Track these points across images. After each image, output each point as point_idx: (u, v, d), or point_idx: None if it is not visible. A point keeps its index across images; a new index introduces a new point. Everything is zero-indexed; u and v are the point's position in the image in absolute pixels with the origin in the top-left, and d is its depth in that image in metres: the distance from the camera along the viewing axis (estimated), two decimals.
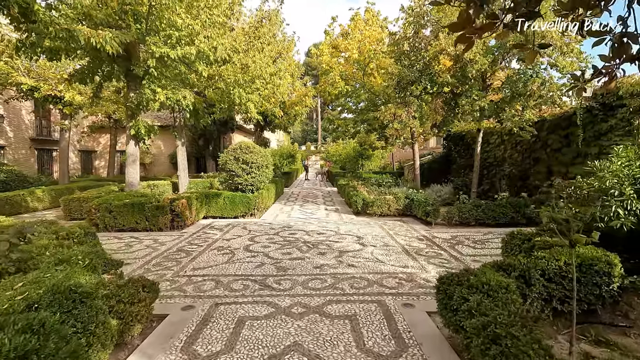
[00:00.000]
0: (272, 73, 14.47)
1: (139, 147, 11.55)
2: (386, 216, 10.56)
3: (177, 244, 7.20)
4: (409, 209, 10.46)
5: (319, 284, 4.83)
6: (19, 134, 21.99)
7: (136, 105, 10.96)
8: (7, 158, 21.08)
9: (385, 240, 7.38)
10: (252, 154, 10.64)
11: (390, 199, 10.51)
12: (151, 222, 8.53)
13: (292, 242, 7.30)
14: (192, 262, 5.90)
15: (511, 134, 12.67)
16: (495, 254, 6.26)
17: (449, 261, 5.89)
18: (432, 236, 7.79)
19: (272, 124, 22.91)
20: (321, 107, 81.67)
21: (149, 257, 6.23)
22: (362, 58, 12.45)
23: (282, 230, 8.54)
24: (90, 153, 29.31)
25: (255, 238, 7.67)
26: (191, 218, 9.21)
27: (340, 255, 6.28)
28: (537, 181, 11.14)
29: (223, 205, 10.24)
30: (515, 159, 12.49)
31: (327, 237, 7.67)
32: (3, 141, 20.86)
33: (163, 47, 8.87)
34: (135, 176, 11.38)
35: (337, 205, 13.50)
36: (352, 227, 8.81)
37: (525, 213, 8.75)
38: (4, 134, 20.95)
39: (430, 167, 17.96)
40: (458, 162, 15.90)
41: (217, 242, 7.37)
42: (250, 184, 10.66)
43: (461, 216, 8.86)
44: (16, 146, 21.83)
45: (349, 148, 29.87)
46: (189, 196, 9.25)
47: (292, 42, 20.87)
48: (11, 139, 21.55)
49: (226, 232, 8.33)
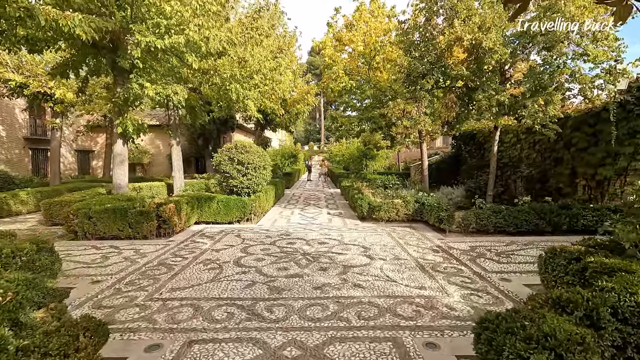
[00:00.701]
0: (272, 68, 13.62)
1: (128, 147, 10.74)
2: (394, 222, 9.68)
3: (160, 256, 6.36)
4: (419, 214, 9.58)
5: (319, 312, 3.96)
6: (12, 132, 21.31)
7: (123, 101, 10.17)
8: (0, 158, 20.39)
9: (395, 252, 6.50)
10: (248, 154, 9.80)
11: (399, 203, 9.62)
12: (135, 229, 7.71)
13: (290, 253, 6.44)
14: (171, 280, 5.06)
15: (529, 133, 11.75)
16: (525, 271, 5.37)
17: (472, 280, 5.00)
18: (448, 247, 6.90)
19: (273, 122, 22.08)
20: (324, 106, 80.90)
21: (124, 273, 5.40)
22: (368, 51, 11.56)
23: (279, 238, 7.69)
24: (88, 153, 28.64)
25: (249, 249, 6.81)
26: (180, 224, 8.38)
27: (345, 271, 5.41)
28: (560, 184, 10.21)
29: (216, 210, 9.40)
30: (533, 160, 11.55)
31: (329, 248, 6.80)
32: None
33: (149, 36, 8.04)
34: (123, 178, 10.57)
35: (340, 208, 12.64)
36: (358, 235, 7.94)
37: (551, 220, 7.83)
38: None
39: (439, 167, 17.03)
40: (469, 163, 14.98)
41: (205, 253, 6.53)
42: (246, 186, 9.82)
43: (479, 223, 7.96)
44: (9, 145, 21.14)
45: (353, 148, 28.98)
46: (178, 200, 8.42)
47: (293, 38, 20.03)
48: (3, 138, 20.86)
49: (217, 241, 7.49)
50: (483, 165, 14.43)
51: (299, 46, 18.79)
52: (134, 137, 10.39)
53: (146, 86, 9.47)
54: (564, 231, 7.88)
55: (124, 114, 10.26)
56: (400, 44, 9.08)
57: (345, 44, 12.43)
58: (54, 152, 17.11)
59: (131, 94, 9.55)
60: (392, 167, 26.72)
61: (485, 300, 4.31)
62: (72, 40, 8.43)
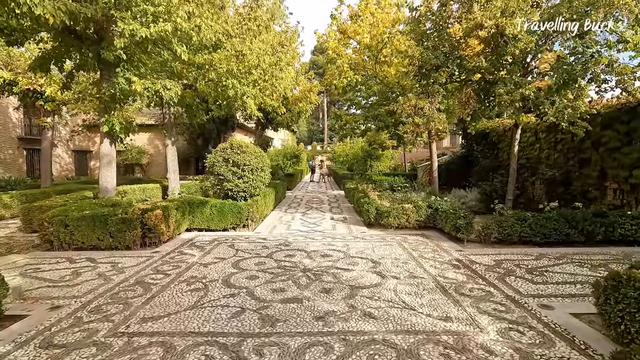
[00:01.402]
0: (272, 63, 12.81)
1: (116, 147, 9.96)
2: (404, 229, 8.82)
3: (139, 272, 5.55)
4: (432, 220, 8.71)
5: (321, 357, 3.12)
6: (5, 132, 20.69)
7: (110, 97, 9.40)
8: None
9: (409, 268, 5.65)
10: (244, 155, 8.97)
11: (410, 209, 8.76)
12: (116, 239, 6.91)
13: (288, 269, 5.60)
14: (145, 306, 4.24)
15: (549, 131, 10.85)
16: (567, 294, 4.49)
17: (507, 308, 4.13)
18: (470, 261, 6.03)
19: (274, 121, 21.25)
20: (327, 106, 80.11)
21: (92, 295, 4.59)
22: (374, 43, 10.69)
23: (277, 249, 6.85)
24: (86, 153, 28.00)
25: (242, 263, 5.98)
26: (169, 232, 7.57)
27: (352, 294, 4.56)
28: (586, 187, 9.30)
29: (209, 216, 8.59)
30: (554, 161, 10.64)
31: (333, 262, 5.96)
32: None
33: (132, 24, 7.24)
34: (110, 180, 9.79)
35: (344, 212, 11.78)
36: (365, 246, 7.09)
37: (584, 229, 6.93)
38: None
39: (448, 168, 16.13)
40: (482, 164, 14.07)
41: (191, 268, 5.71)
42: (242, 190, 8.99)
43: (501, 232, 7.08)
44: (2, 146, 20.54)
45: (357, 148, 28.10)
46: (167, 206, 7.61)
47: (295, 33, 19.21)
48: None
49: (207, 253, 6.67)
50: (497, 166, 13.53)
51: (301, 42, 17.94)
52: (121, 137, 9.61)
53: (134, 81, 8.69)
54: (599, 242, 6.98)
55: (110, 112, 9.49)
56: (412, 34, 8.24)
57: (350, 36, 11.59)
58: (45, 152, 16.42)
59: (117, 90, 8.77)
60: (397, 168, 25.83)
61: (530, 337, 3.45)
62: (53, 30, 7.67)
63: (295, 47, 19.27)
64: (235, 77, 11.52)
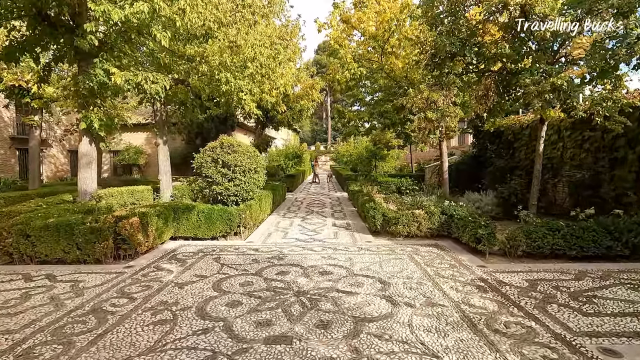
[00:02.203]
0: (270, 56, 11.87)
1: (95, 146, 9.08)
2: (414, 238, 7.85)
3: (100, 294, 4.63)
4: (447, 228, 7.73)
5: None
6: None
7: (88, 91, 8.53)
8: None
9: (426, 290, 4.67)
10: (235, 155, 8.04)
11: (421, 215, 7.78)
12: (84, 251, 6.00)
13: (279, 292, 4.65)
14: (90, 348, 3.31)
15: (574, 128, 9.81)
16: (633, 331, 3.50)
17: (561, 355, 3.15)
18: (497, 280, 5.05)
19: (275, 120, 20.33)
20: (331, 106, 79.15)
21: (29, 330, 3.67)
22: (381, 32, 9.73)
23: (269, 264, 5.90)
24: None
25: (225, 282, 5.04)
26: (147, 243, 6.65)
27: (357, 330, 3.60)
28: (622, 190, 8.25)
29: (196, 223, 7.67)
30: (580, 161, 9.59)
31: (333, 282, 4.99)
32: None
33: (104, 4, 6.33)
34: (90, 183, 8.92)
35: (348, 217, 10.81)
36: (371, 260, 6.12)
37: (628, 241, 5.92)
38: None
39: (458, 169, 15.10)
40: (496, 164, 13.02)
41: (163, 290, 4.78)
42: (233, 193, 8.06)
43: (531, 244, 6.08)
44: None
45: (361, 148, 27.11)
46: (146, 212, 6.69)
47: (296, 27, 18.29)
48: None
49: (188, 268, 5.74)
50: (513, 167, 12.49)
51: (302, 36, 16.95)
52: (101, 135, 8.72)
53: (113, 72, 7.80)
54: None
55: (89, 107, 8.60)
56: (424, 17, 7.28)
57: (354, 26, 10.62)
58: (33, 152, 15.63)
59: (95, 82, 7.88)
60: (404, 169, 24.80)
61: None
62: (26, 16, 6.81)
63: (297, 41, 18.36)
64: (229, 70, 10.61)
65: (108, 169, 27.49)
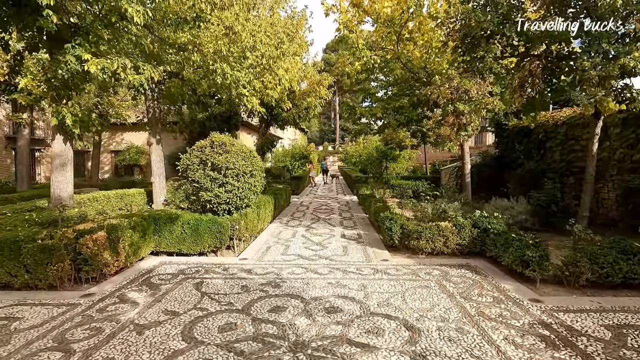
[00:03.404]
0: (273, 44, 10.67)
1: (72, 146, 7.98)
2: (440, 255, 6.54)
3: (29, 345, 3.45)
4: (479, 244, 6.40)
5: None
6: None
7: (62, 82, 7.44)
8: None
9: (471, 344, 3.38)
10: (227, 156, 6.82)
11: (448, 228, 6.46)
12: (35, 274, 4.85)
13: (270, 344, 3.41)
14: None
15: (626, 125, 8.37)
16: None
17: None
18: (563, 325, 3.73)
19: (280, 118, 19.13)
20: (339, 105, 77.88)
21: None
22: (397, 14, 8.43)
23: (261, 294, 4.67)
24: (83, 154, 26.46)
25: (199, 326, 3.81)
26: (117, 262, 5.48)
27: None
28: None
29: (181, 236, 6.48)
30: (635, 163, 8.15)
31: (344, 328, 3.73)
32: None
33: None
34: (64, 187, 7.81)
35: (359, 227, 9.53)
36: (391, 289, 4.84)
37: None
38: None
39: (480, 171, 13.66)
40: (525, 167, 11.58)
41: (115, 338, 3.57)
42: (225, 201, 6.84)
43: (597, 271, 4.74)
44: None
45: (371, 148, 25.75)
46: (116, 225, 5.52)
47: (303, 18, 17.07)
48: None
49: (159, 299, 4.53)
50: (544, 169, 11.06)
51: (309, 27, 15.75)
52: (75, 132, 7.60)
53: (86, 58, 6.67)
54: None
55: (61, 100, 7.50)
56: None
57: (366, 10, 9.35)
58: (21, 152, 14.69)
59: (65, 71, 6.76)
60: (417, 170, 23.38)
61: None
62: None
63: (303, 34, 17.14)
64: (225, 60, 9.44)
65: (109, 169, 26.64)
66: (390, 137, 17.60)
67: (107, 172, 26.34)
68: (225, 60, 9.40)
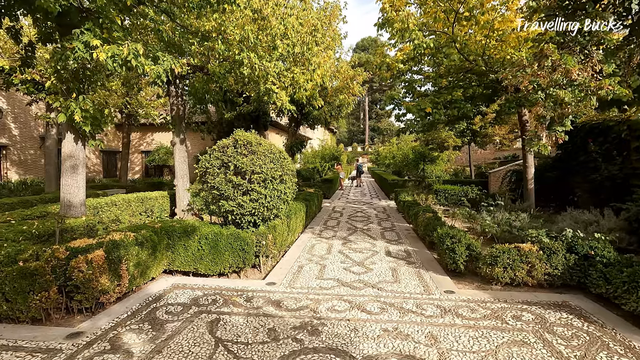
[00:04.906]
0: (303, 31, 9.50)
1: (84, 146, 7.16)
2: (521, 287, 5.06)
3: None
4: (577, 274, 4.86)
5: None
6: (26, 131, 19.37)
7: (72, 74, 6.63)
8: (11, 159, 18.46)
9: None
10: (253, 157, 5.67)
11: (533, 253, 4.96)
12: (14, 304, 3.90)
13: None
14: None
15: None
16: None
17: None
18: None
19: (310, 117, 17.99)
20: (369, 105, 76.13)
21: None
22: None
23: (294, 348, 3.44)
24: (115, 154, 26.67)
25: None
26: (119, 287, 4.46)
27: None
28: None
29: (198, 253, 5.40)
30: None
31: None
32: (6, 140, 18.23)
33: None
34: (75, 192, 6.97)
35: (404, 240, 8.11)
36: (474, 347, 3.46)
37: None
38: (7, 131, 18.32)
39: (543, 176, 11.80)
40: (603, 172, 9.66)
41: None
42: (249, 212, 5.70)
43: None
44: (23, 145, 19.21)
45: (407, 148, 24.11)
46: (119, 242, 4.50)
47: (336, 8, 15.84)
48: (16, 138, 18.94)
49: (160, 348, 3.42)
50: (628, 174, 9.15)
51: (343, 18, 14.50)
52: (86, 130, 6.74)
53: (94, 45, 5.77)
54: None
55: (71, 94, 6.68)
56: None
57: None
58: (50, 152, 14.45)
59: (72, 58, 5.90)
60: (459, 173, 21.46)
61: None
62: None
63: (336, 26, 15.90)
64: (252, 49, 8.37)
65: (140, 169, 26.67)
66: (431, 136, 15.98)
67: (137, 172, 26.39)
68: (252, 50, 8.34)
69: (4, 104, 18.18)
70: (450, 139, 16.67)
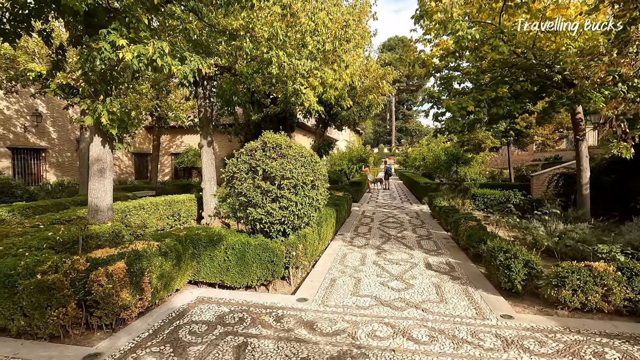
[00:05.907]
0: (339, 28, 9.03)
1: (112, 149, 7.01)
2: (594, 313, 4.31)
3: None
4: None
5: None
6: (63, 134, 20.10)
7: (100, 75, 6.50)
8: (50, 162, 19.18)
9: None
10: (283, 161, 5.25)
11: (609, 273, 4.21)
12: (32, 319, 3.65)
13: None
14: None
15: None
16: None
17: None
18: None
19: (338, 117, 17.47)
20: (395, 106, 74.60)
21: None
22: None
23: None
24: (147, 156, 27.34)
25: None
26: (142, 301, 4.15)
27: None
28: None
29: (224, 264, 5.03)
30: None
31: None
32: (45, 143, 18.96)
33: None
34: (103, 196, 6.83)
35: (444, 251, 7.43)
36: None
37: None
38: (46, 134, 19.05)
39: (598, 180, 10.67)
40: None
41: None
42: (279, 220, 5.27)
43: None
44: (60, 148, 19.94)
45: (438, 150, 23.11)
46: (141, 253, 4.19)
47: (366, 4, 15.26)
48: (55, 141, 19.68)
49: None
50: None
51: (373, 15, 13.95)
52: (113, 133, 6.58)
53: (120, 44, 5.56)
54: None
55: (98, 96, 6.54)
56: None
57: None
58: (83, 155, 14.77)
59: (98, 59, 5.72)
60: (496, 176, 20.24)
61: None
62: None
63: (366, 23, 15.32)
64: (280, 47, 8.00)
65: (169, 171, 27.17)
66: (467, 137, 15.06)
67: (167, 174, 26.89)
68: (281, 48, 7.97)
69: (44, 108, 18.88)
70: (488, 140, 15.64)
